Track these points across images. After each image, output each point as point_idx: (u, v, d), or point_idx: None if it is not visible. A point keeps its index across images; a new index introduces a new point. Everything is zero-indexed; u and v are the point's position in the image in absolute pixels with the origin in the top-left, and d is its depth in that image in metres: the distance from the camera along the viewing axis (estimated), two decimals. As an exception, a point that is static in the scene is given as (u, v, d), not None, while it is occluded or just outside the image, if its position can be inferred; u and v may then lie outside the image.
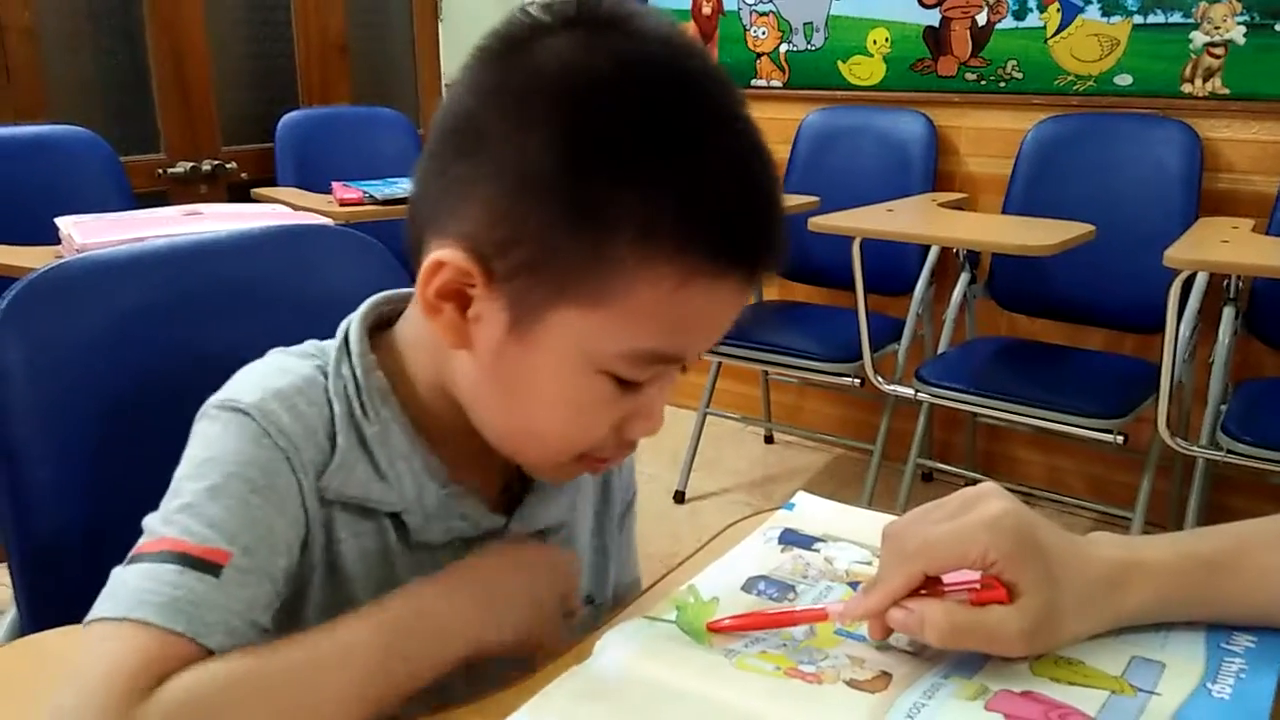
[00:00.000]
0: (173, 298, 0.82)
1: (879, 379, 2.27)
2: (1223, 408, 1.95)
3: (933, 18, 2.58)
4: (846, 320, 2.33)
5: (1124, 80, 2.35)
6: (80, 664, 0.51)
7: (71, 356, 0.77)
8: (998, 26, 2.49)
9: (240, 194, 2.72)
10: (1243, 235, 1.99)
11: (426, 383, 0.64)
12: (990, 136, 2.54)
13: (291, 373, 0.62)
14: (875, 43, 2.68)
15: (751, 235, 0.56)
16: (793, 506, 0.76)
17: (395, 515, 0.63)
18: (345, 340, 0.64)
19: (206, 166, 2.81)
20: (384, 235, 0.95)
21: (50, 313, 0.77)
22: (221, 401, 0.60)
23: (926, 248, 2.40)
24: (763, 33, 2.88)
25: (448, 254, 0.56)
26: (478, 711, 0.53)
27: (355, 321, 0.65)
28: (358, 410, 0.62)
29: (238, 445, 0.58)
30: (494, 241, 0.55)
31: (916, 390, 2.18)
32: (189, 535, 0.55)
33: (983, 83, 2.54)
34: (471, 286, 0.56)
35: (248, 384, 0.61)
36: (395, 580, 0.64)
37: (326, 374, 0.63)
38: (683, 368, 0.60)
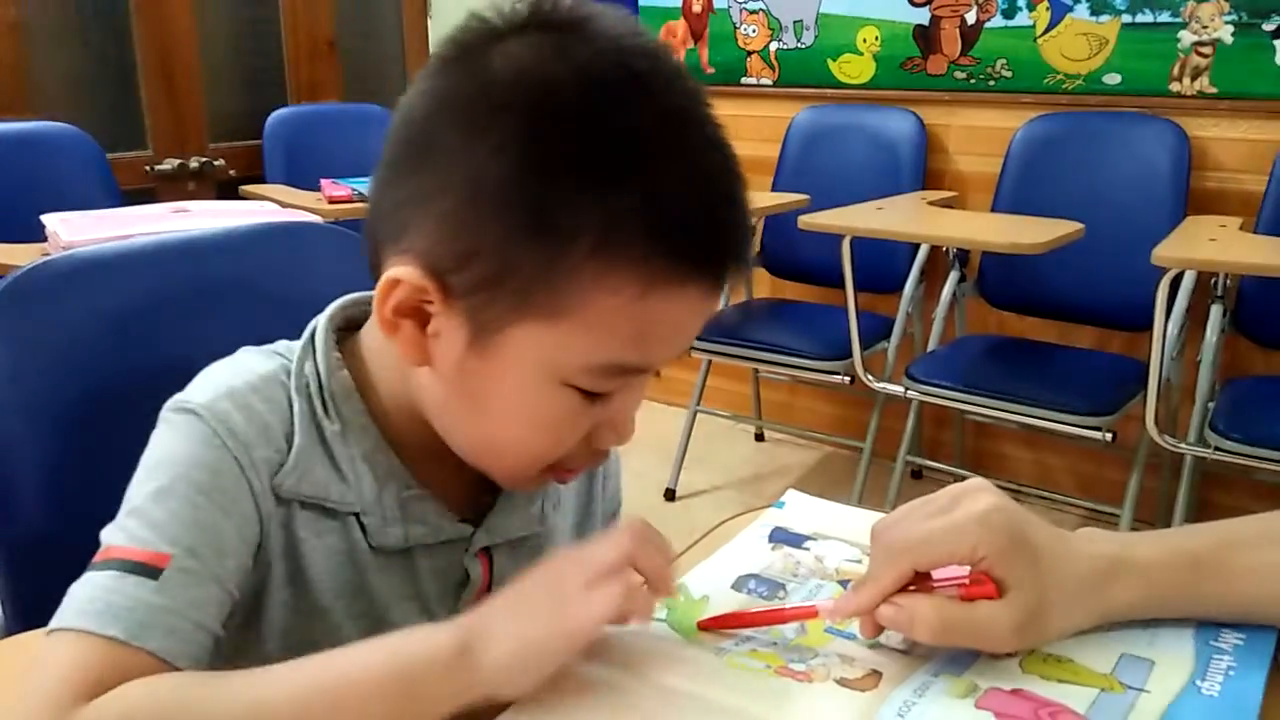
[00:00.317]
0: (160, 295, 0.82)
1: (869, 377, 2.27)
2: (1210, 405, 1.96)
3: (922, 16, 2.58)
4: (836, 318, 2.33)
5: (1113, 79, 2.36)
6: (28, 679, 0.51)
7: (57, 355, 0.76)
8: (987, 25, 2.50)
9: (228, 191, 2.70)
10: (1230, 234, 1.99)
11: (391, 389, 0.63)
12: (979, 135, 2.54)
13: (251, 370, 0.61)
14: (865, 41, 2.69)
15: (714, 241, 0.54)
16: (783, 505, 0.75)
17: (358, 516, 0.62)
18: (311, 339, 0.64)
19: (194, 163, 2.80)
20: (373, 232, 0.95)
21: (35, 311, 0.77)
22: (175, 403, 0.60)
23: (916, 246, 2.41)
24: (753, 30, 2.88)
25: (403, 271, 0.55)
26: (466, 708, 0.53)
27: (322, 322, 0.64)
28: (319, 408, 0.61)
29: (186, 447, 0.58)
30: (450, 257, 0.54)
31: (906, 388, 2.19)
32: (132, 540, 0.55)
33: (972, 81, 2.54)
34: (429, 303, 0.55)
35: (203, 384, 0.61)
36: (364, 584, 0.63)
37: (289, 372, 0.62)
38: (656, 373, 0.59)
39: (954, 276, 2.40)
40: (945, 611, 0.54)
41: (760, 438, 3.03)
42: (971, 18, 2.51)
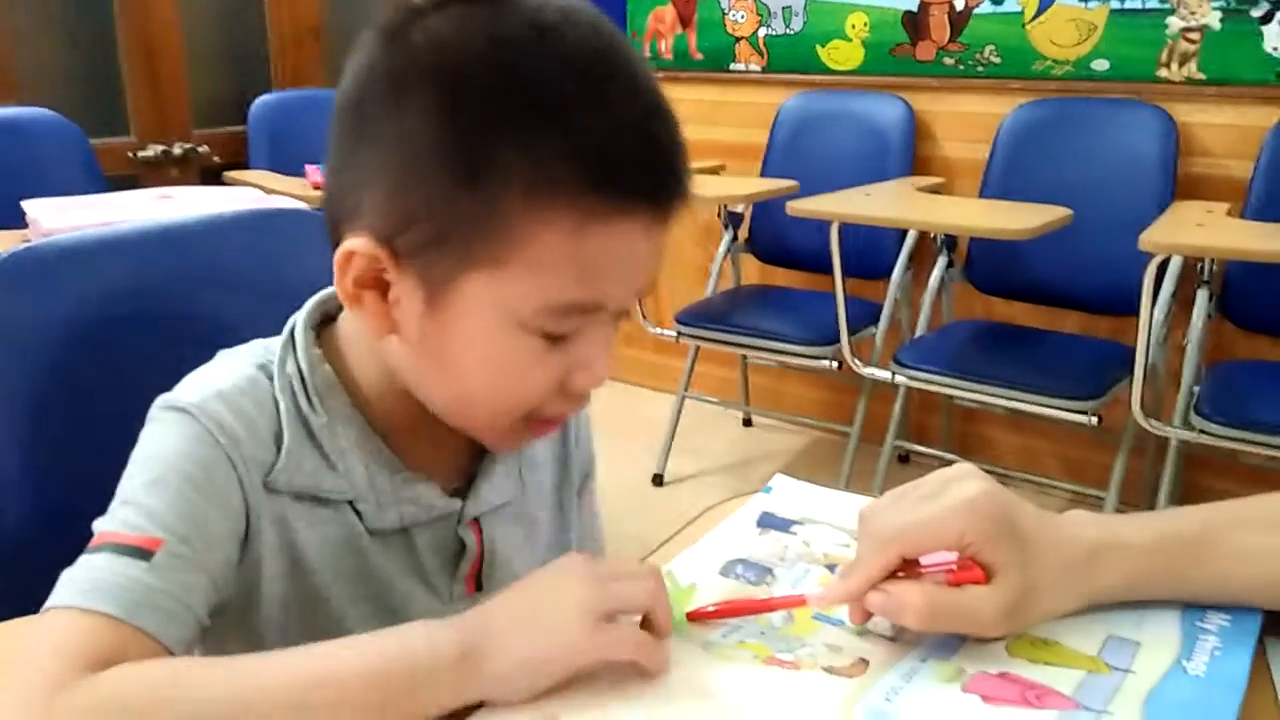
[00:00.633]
0: (143, 282, 0.81)
1: (857, 362, 2.28)
2: (1195, 389, 1.97)
3: (911, 2, 2.57)
4: (825, 304, 2.33)
5: (1101, 65, 2.36)
6: (21, 655, 0.51)
7: (38, 342, 0.76)
8: (976, 11, 2.49)
9: (212, 178, 2.69)
10: (1217, 219, 2.00)
11: (373, 374, 0.64)
12: (968, 121, 2.54)
13: (235, 374, 0.63)
14: (854, 27, 2.68)
15: (639, 172, 0.55)
16: (770, 490, 0.75)
17: (352, 503, 0.64)
18: (291, 337, 0.65)
19: (178, 150, 2.77)
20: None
21: (16, 297, 0.76)
22: (165, 402, 0.61)
23: (904, 232, 2.41)
24: (741, 16, 2.87)
25: (355, 243, 0.57)
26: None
27: (300, 318, 0.66)
28: (304, 404, 0.63)
29: (177, 443, 0.59)
30: (395, 222, 0.56)
31: (894, 373, 2.19)
32: (125, 526, 0.56)
33: (960, 67, 2.54)
34: (384, 271, 0.57)
35: (192, 385, 0.62)
36: (367, 567, 0.64)
37: (271, 375, 0.64)
38: (625, 316, 0.60)
39: (942, 262, 2.40)
40: (933, 597, 0.54)
41: (748, 423, 3.03)
42: (960, 3, 2.50)
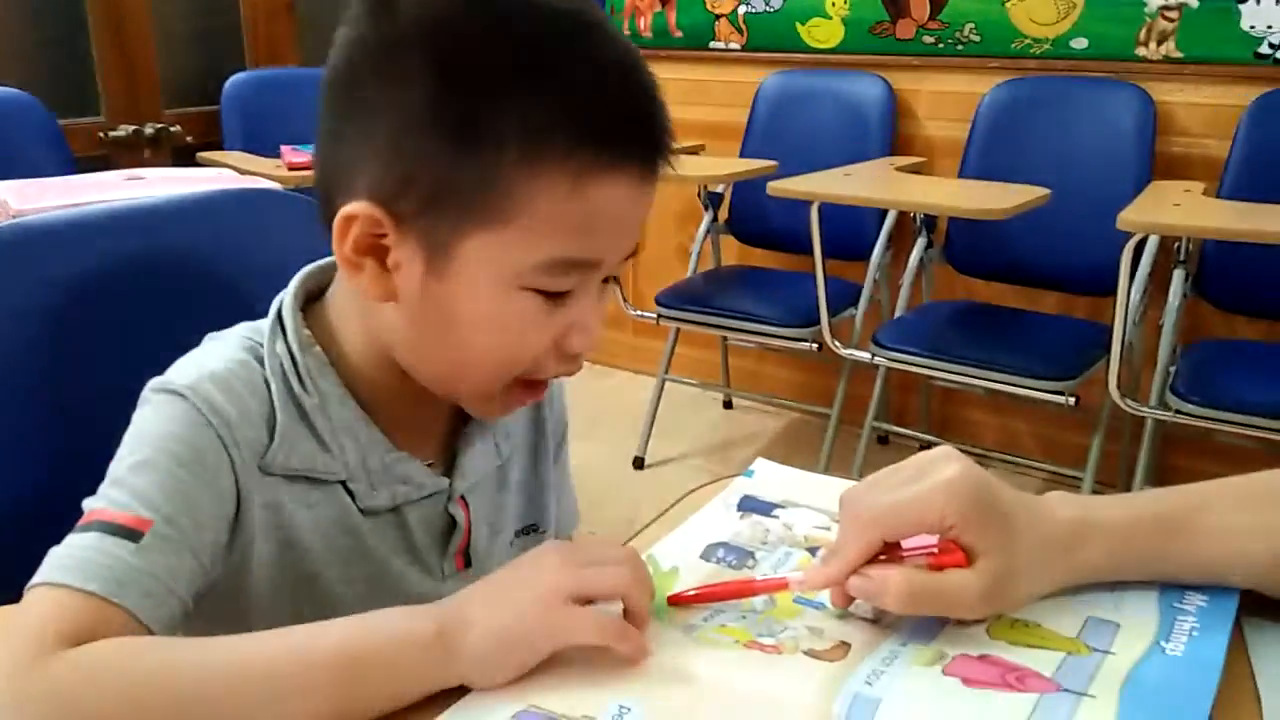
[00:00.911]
0: (114, 265, 0.80)
1: (836, 344, 2.28)
2: (1171, 369, 1.99)
3: (890, -20, 2.56)
4: (804, 285, 2.33)
5: (1080, 43, 2.36)
6: (5, 628, 0.52)
7: (7, 326, 0.74)
8: (955, -11, 2.48)
9: (185, 158, 2.65)
10: (1194, 199, 2.01)
11: (361, 349, 0.65)
12: (948, 100, 2.54)
13: (226, 357, 0.63)
14: (834, 4, 2.67)
15: (630, 127, 0.57)
16: (752, 473, 0.75)
17: (344, 484, 0.65)
18: (279, 318, 0.65)
19: (149, 130, 2.73)
20: (333, 200, 0.93)
21: (-17, 281, 0.74)
22: (157, 384, 0.62)
23: (884, 212, 2.41)
24: (720, -6, 2.85)
25: (355, 206, 0.58)
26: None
27: (287, 298, 0.66)
28: (295, 385, 0.63)
29: (169, 425, 0.59)
30: (393, 186, 0.57)
31: (873, 354, 2.20)
32: (113, 505, 0.56)
33: (940, 46, 2.53)
34: (383, 235, 0.58)
35: (184, 368, 0.63)
36: (361, 546, 0.65)
37: (261, 357, 0.64)
38: (615, 279, 0.61)
39: (921, 243, 2.41)
40: (915, 581, 0.55)
41: (729, 405, 3.04)
42: (939, -19, 2.49)
